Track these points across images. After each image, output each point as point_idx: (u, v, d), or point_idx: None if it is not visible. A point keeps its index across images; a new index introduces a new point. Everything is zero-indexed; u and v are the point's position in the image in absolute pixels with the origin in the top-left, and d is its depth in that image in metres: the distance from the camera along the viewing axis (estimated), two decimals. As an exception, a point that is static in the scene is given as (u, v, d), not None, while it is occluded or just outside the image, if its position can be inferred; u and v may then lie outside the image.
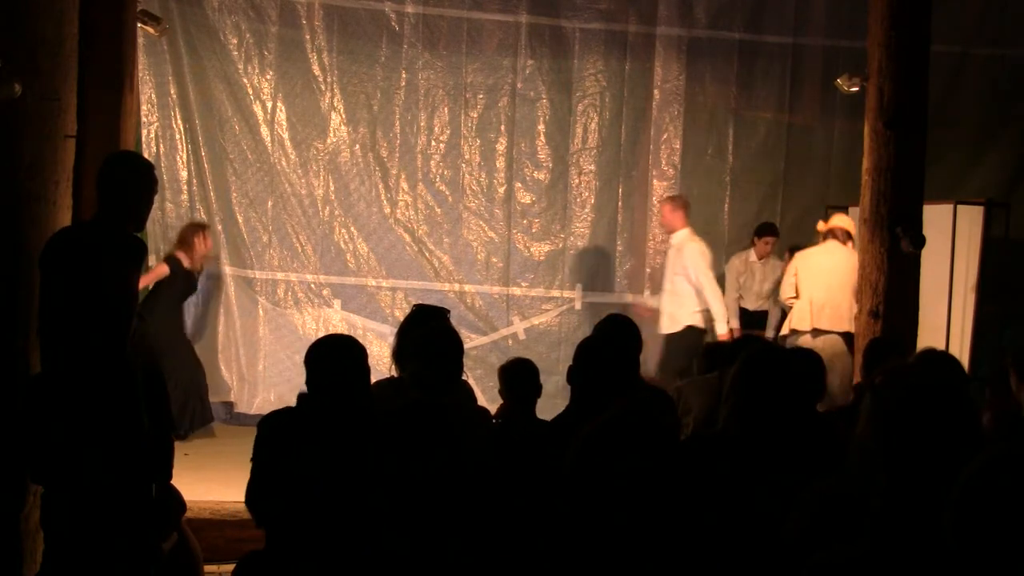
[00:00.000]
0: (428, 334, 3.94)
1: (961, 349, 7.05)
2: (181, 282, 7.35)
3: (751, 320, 8.06)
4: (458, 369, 3.92)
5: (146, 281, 7.21)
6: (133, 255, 3.81)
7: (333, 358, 3.48)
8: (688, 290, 7.45)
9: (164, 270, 7.25)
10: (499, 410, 4.33)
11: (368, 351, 3.61)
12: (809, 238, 8.41)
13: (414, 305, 4.94)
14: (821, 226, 7.22)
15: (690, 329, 7.44)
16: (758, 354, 3.35)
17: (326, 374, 3.46)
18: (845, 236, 7.05)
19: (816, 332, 6.88)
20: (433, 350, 3.85)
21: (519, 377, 4.24)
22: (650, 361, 7.48)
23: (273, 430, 3.49)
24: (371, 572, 3.30)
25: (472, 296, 8.32)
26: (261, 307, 8.04)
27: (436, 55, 8.19)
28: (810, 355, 4.01)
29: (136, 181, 3.84)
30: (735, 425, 3.17)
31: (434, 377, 3.79)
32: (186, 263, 7.33)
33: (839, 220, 7.16)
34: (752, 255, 8.11)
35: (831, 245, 7.10)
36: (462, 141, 8.25)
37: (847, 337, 6.66)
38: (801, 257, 7.31)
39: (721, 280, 8.32)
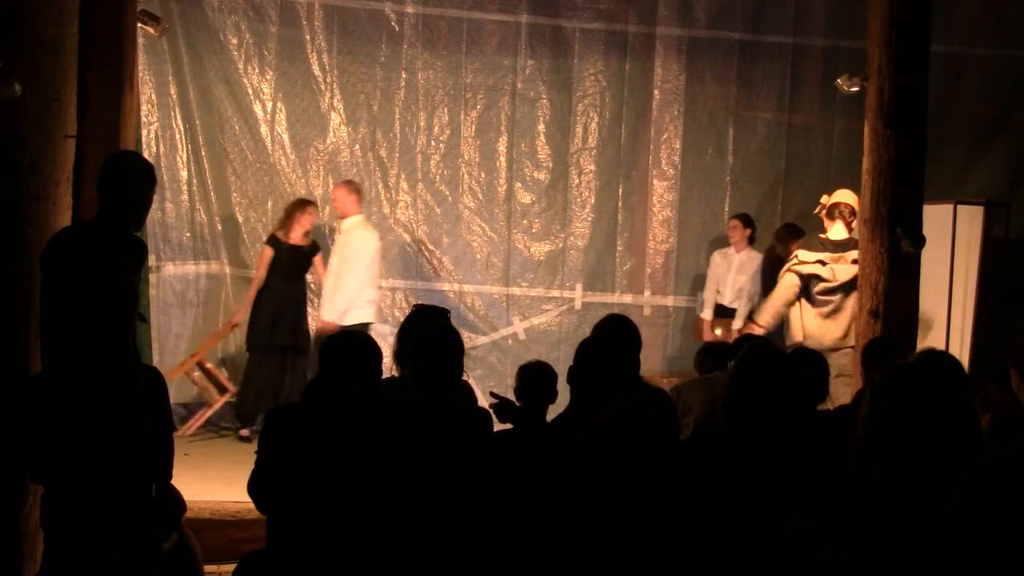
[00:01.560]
0: (428, 334, 3.94)
1: (961, 349, 7.04)
2: (285, 256, 7.38)
3: (725, 315, 7.87)
4: (458, 369, 3.92)
5: (261, 269, 7.39)
6: (134, 255, 3.81)
7: (342, 357, 3.48)
8: (358, 280, 7.21)
9: (268, 253, 7.39)
10: (494, 408, 4.28)
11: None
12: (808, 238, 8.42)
13: (414, 305, 4.94)
14: (825, 199, 6.78)
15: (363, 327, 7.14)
16: (755, 354, 3.36)
17: (333, 371, 3.46)
18: (850, 213, 6.55)
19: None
20: (433, 350, 3.85)
21: (536, 380, 4.21)
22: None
23: (280, 424, 3.49)
24: (371, 570, 3.30)
25: (472, 296, 8.32)
26: (261, 307, 8.03)
27: (436, 55, 8.19)
28: (812, 356, 4.01)
29: (137, 181, 3.84)
30: (733, 425, 3.18)
31: (434, 377, 3.79)
32: (286, 239, 7.37)
33: (843, 195, 6.67)
34: (732, 248, 7.97)
35: (837, 230, 6.63)
36: (462, 141, 8.26)
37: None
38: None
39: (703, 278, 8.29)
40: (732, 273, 7.88)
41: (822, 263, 6.51)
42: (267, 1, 7.95)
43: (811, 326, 6.55)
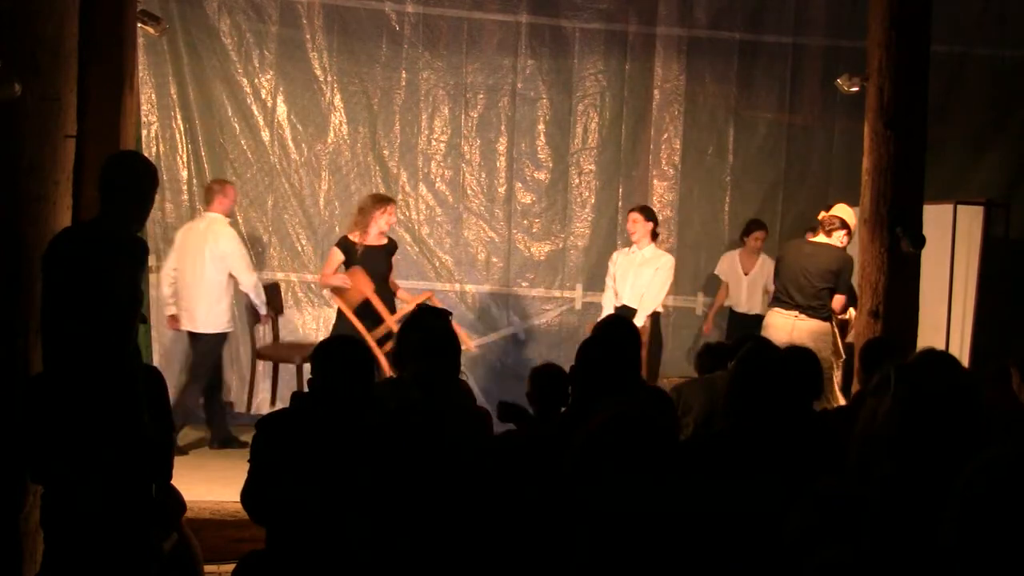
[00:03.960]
0: (427, 334, 3.94)
1: (961, 349, 7.04)
2: (364, 260, 6.74)
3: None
4: (456, 369, 3.92)
5: (328, 269, 6.78)
6: (135, 255, 3.80)
7: (339, 360, 3.48)
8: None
9: (336, 256, 6.75)
10: (500, 406, 4.28)
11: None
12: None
13: (416, 305, 4.93)
14: (822, 215, 6.77)
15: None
16: (755, 354, 3.36)
17: (330, 375, 3.46)
18: (840, 226, 6.59)
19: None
20: (432, 350, 3.85)
21: (550, 383, 4.21)
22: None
23: (272, 431, 3.49)
24: (370, 571, 3.31)
25: (472, 296, 8.32)
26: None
27: (436, 55, 8.19)
28: (805, 354, 4.01)
29: (138, 182, 3.83)
30: (733, 425, 3.18)
31: (435, 377, 3.79)
32: (362, 240, 6.76)
33: (838, 209, 6.68)
34: (635, 246, 7.46)
35: (820, 238, 6.68)
36: (462, 141, 8.26)
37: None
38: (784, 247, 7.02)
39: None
40: (634, 268, 7.34)
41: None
42: (267, 1, 7.94)
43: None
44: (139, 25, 5.60)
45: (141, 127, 7.61)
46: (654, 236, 7.37)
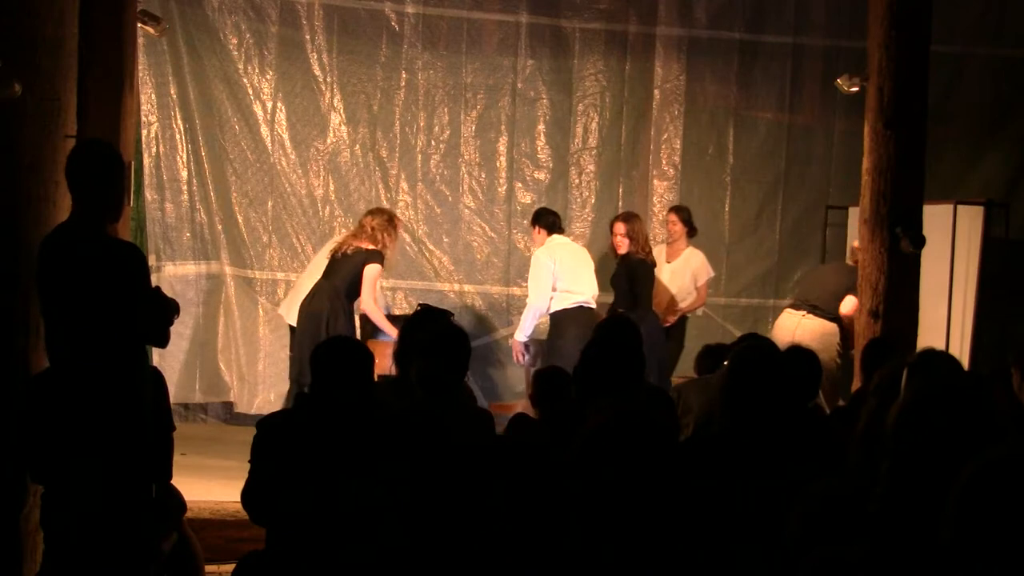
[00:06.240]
0: (436, 334, 3.93)
1: (961, 349, 7.04)
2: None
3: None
4: (463, 370, 3.91)
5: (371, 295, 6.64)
6: (139, 258, 3.77)
7: (339, 361, 3.48)
8: None
9: (377, 273, 6.66)
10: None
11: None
12: (809, 238, 8.43)
13: (419, 304, 4.93)
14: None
15: None
16: (749, 353, 3.36)
17: (331, 376, 3.46)
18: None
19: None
20: (441, 350, 3.83)
21: (553, 385, 4.23)
22: None
23: (272, 431, 3.49)
24: (370, 571, 3.31)
25: (472, 296, 8.32)
26: (261, 307, 8.04)
27: (436, 55, 8.19)
28: (804, 354, 4.02)
29: (115, 173, 3.76)
30: (728, 424, 3.18)
31: (441, 377, 3.78)
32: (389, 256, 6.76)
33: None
34: None
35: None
36: (462, 141, 8.25)
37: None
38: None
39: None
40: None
41: None
42: (267, 1, 7.94)
43: None
44: (139, 25, 5.61)
45: (141, 127, 7.60)
46: (553, 231, 7.06)
